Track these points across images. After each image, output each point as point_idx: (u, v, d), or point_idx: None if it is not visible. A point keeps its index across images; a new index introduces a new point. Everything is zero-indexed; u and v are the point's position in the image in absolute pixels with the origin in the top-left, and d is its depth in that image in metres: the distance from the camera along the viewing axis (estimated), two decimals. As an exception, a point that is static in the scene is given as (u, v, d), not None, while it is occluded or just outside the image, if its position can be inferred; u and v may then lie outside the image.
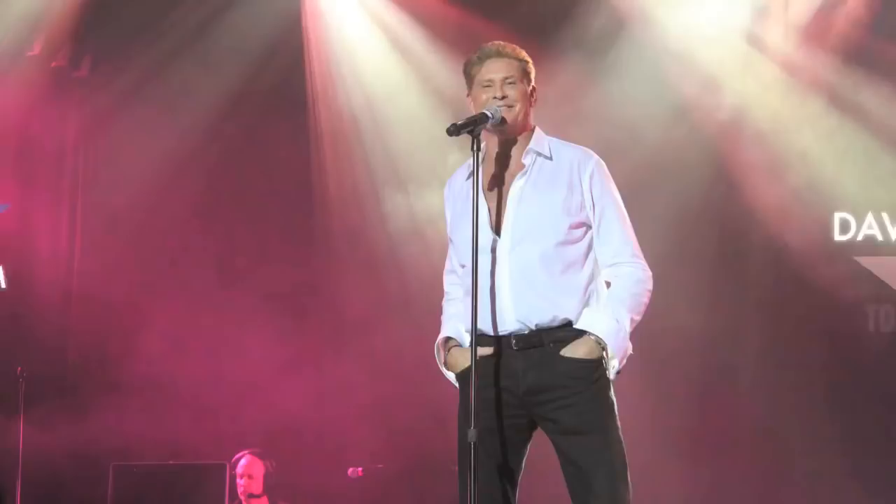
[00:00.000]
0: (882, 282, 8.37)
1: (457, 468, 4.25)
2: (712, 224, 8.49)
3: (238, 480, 7.98)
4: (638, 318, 4.33)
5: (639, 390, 6.93)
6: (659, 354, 7.80)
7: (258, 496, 8.02)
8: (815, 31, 8.38)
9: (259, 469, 8.02)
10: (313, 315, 8.84)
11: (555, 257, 4.27)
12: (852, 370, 8.29)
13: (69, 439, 8.31)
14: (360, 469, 8.11)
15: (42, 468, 8.21)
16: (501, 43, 4.46)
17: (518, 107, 4.37)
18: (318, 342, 8.71)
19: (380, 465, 8.19)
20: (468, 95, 4.47)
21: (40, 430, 8.17)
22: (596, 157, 4.42)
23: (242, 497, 7.99)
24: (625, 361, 4.29)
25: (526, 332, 4.26)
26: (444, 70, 8.50)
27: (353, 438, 8.50)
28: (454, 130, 4.22)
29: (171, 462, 8.24)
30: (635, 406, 5.39)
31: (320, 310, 8.85)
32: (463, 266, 4.41)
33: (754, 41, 8.49)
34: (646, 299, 4.35)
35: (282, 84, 8.87)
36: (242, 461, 8.03)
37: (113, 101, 8.89)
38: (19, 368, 8.04)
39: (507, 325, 4.26)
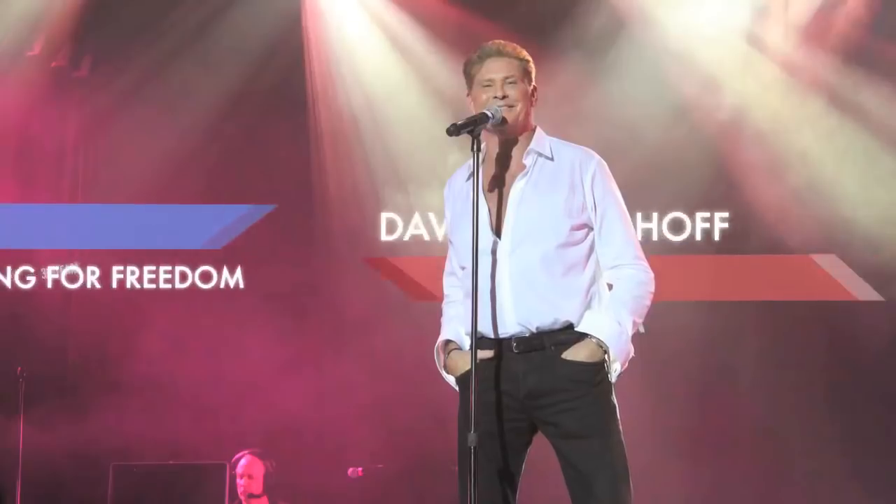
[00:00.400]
0: None
1: (457, 469, 4.23)
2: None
3: (238, 480, 7.98)
4: (640, 320, 4.28)
5: (639, 391, 6.92)
6: (659, 355, 7.80)
7: (258, 496, 8.02)
8: (815, 31, 8.38)
9: (259, 469, 8.02)
10: (313, 315, 8.82)
11: (556, 259, 4.22)
12: (852, 370, 8.30)
13: (69, 439, 8.30)
14: (360, 469, 8.11)
15: (42, 468, 8.22)
16: (502, 42, 4.39)
17: (519, 106, 4.30)
18: (318, 342, 8.70)
19: (380, 465, 8.18)
20: (468, 95, 4.41)
21: (40, 430, 8.17)
22: (597, 157, 4.36)
23: (242, 497, 7.99)
24: (626, 364, 4.25)
25: (527, 334, 4.21)
26: (444, 70, 8.49)
27: (353, 438, 8.49)
28: (454, 130, 4.16)
29: (171, 462, 8.24)
30: (636, 407, 5.37)
31: (320, 310, 8.84)
32: (463, 268, 4.36)
33: (754, 41, 8.48)
34: (648, 301, 4.29)
35: (282, 84, 8.86)
36: (242, 461, 8.03)
37: (113, 101, 8.88)
38: (19, 368, 8.05)
39: (508, 327, 4.21)
